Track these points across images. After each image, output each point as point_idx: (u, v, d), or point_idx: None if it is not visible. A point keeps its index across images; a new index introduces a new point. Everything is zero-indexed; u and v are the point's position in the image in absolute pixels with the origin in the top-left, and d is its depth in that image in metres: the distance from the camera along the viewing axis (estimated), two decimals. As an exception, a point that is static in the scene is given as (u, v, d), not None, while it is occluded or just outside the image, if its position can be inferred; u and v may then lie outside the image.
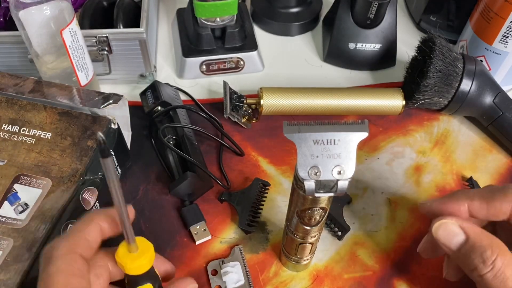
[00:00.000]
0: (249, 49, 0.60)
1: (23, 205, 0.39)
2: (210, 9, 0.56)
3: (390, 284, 0.44)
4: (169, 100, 0.53)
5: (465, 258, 0.34)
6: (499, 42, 0.54)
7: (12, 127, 0.44)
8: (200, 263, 0.45)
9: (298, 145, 0.30)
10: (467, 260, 0.34)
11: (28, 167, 0.41)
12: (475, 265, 0.34)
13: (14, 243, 0.37)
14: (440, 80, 0.51)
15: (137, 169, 0.51)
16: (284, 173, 0.51)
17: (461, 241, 0.35)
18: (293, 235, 0.38)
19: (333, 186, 0.31)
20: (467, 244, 0.35)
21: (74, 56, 0.49)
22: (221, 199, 0.48)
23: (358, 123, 0.31)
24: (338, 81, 0.61)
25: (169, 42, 0.65)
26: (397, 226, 0.48)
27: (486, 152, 0.54)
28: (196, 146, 0.51)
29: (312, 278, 0.44)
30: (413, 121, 0.56)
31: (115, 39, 0.53)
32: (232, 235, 0.47)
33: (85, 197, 0.41)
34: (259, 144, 0.54)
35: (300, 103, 0.54)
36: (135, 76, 0.58)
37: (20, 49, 0.52)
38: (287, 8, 0.66)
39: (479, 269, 0.33)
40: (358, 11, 0.59)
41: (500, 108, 0.52)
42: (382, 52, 0.61)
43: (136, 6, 0.60)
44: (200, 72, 0.60)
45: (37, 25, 0.46)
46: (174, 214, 0.48)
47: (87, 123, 0.44)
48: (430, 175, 0.52)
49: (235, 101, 0.54)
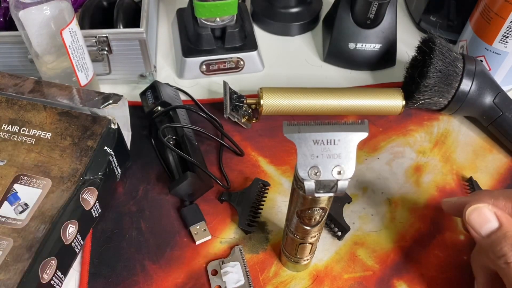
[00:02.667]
0: (249, 49, 0.60)
1: (23, 205, 0.39)
2: (210, 9, 0.56)
3: (390, 284, 0.44)
4: (169, 100, 0.53)
5: (494, 244, 0.35)
6: (499, 42, 0.54)
7: (12, 127, 0.44)
8: (200, 263, 0.45)
9: (298, 145, 0.30)
10: (496, 247, 0.35)
11: (28, 167, 0.41)
12: (504, 252, 0.34)
13: (14, 243, 0.37)
14: (440, 80, 0.51)
15: (137, 169, 0.51)
16: (284, 173, 0.51)
17: (493, 228, 0.36)
18: (293, 235, 0.38)
19: (333, 186, 0.31)
20: (499, 231, 0.35)
21: (74, 56, 0.49)
22: (221, 199, 0.48)
23: (358, 123, 0.31)
24: (338, 81, 0.61)
25: (169, 42, 0.65)
26: (397, 226, 0.48)
27: (486, 152, 0.54)
28: (196, 146, 0.51)
29: (312, 278, 0.44)
30: (413, 121, 0.56)
31: (115, 39, 0.53)
32: (232, 235, 0.47)
33: (85, 197, 0.41)
34: (259, 144, 0.54)
35: (300, 103, 0.54)
36: (135, 76, 0.58)
37: (20, 49, 0.52)
38: (287, 8, 0.66)
39: (508, 256, 0.34)
40: (358, 11, 0.59)
41: (500, 108, 0.52)
42: (382, 52, 0.61)
43: (136, 6, 0.60)
44: (200, 72, 0.60)
45: (37, 25, 0.46)
46: (174, 214, 0.48)
47: (87, 123, 0.44)
48: (430, 175, 0.52)
49: (235, 101, 0.54)
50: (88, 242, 0.45)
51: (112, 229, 0.47)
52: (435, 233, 0.47)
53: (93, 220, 0.44)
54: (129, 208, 0.48)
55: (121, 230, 0.46)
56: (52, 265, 0.38)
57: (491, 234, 0.36)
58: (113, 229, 0.47)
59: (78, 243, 0.42)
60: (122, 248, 0.45)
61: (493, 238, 0.35)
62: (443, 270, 0.45)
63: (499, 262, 0.35)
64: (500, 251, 0.34)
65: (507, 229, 0.35)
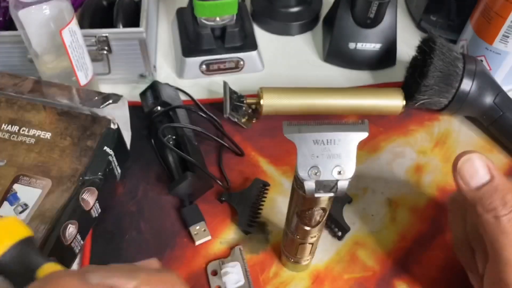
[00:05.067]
0: (249, 48, 0.60)
1: (23, 205, 0.39)
2: (210, 9, 0.56)
3: (390, 284, 0.44)
4: (169, 100, 0.52)
5: (484, 197, 0.34)
6: (499, 41, 0.54)
7: (12, 127, 0.44)
8: (200, 263, 0.45)
9: (298, 145, 0.30)
10: (486, 200, 0.34)
11: (28, 167, 0.41)
12: (494, 206, 0.33)
13: (14, 244, 0.37)
14: (440, 80, 0.51)
15: (136, 169, 0.51)
16: (284, 173, 0.51)
17: (484, 181, 0.35)
18: (293, 235, 0.38)
19: (333, 187, 0.31)
20: (490, 184, 0.34)
21: (73, 55, 0.49)
22: (221, 199, 0.48)
23: (358, 123, 0.31)
24: (338, 81, 0.61)
25: (169, 41, 0.65)
26: (397, 226, 0.48)
27: (487, 152, 0.54)
28: (196, 146, 0.51)
29: (312, 279, 0.44)
30: (413, 121, 0.56)
31: (114, 38, 0.53)
32: (232, 235, 0.47)
33: (85, 197, 0.41)
34: (259, 144, 0.53)
35: (300, 103, 0.54)
36: (134, 76, 0.58)
37: (20, 48, 0.52)
38: (287, 7, 0.66)
39: (498, 210, 0.33)
40: (358, 11, 0.59)
41: (500, 108, 0.52)
42: (382, 51, 0.61)
43: (136, 6, 0.60)
44: (200, 72, 0.60)
45: (37, 24, 0.45)
46: (174, 214, 0.48)
47: (87, 123, 0.44)
48: (430, 175, 0.51)
49: (235, 101, 0.54)
50: (88, 242, 0.45)
51: (112, 229, 0.46)
52: (436, 234, 0.47)
53: (93, 220, 0.44)
54: (129, 208, 0.48)
55: (120, 231, 0.46)
56: (51, 265, 0.38)
57: (482, 187, 0.34)
58: (113, 229, 0.46)
59: (78, 244, 0.42)
60: (122, 248, 0.45)
61: (484, 191, 0.34)
62: (444, 270, 0.45)
63: (487, 216, 0.34)
64: (490, 204, 0.33)
65: (498, 182, 0.34)
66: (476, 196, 0.34)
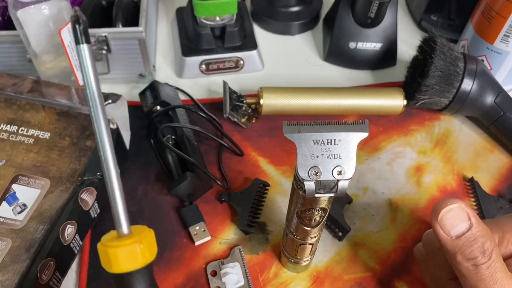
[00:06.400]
0: (248, 48, 0.60)
1: (22, 205, 0.39)
2: (210, 8, 0.56)
3: (390, 285, 0.44)
4: (168, 100, 0.52)
5: (464, 246, 0.34)
6: (500, 41, 0.53)
7: (11, 127, 0.44)
8: (200, 264, 0.44)
9: (298, 145, 0.30)
10: (466, 250, 0.34)
11: (27, 167, 0.41)
12: (474, 255, 0.33)
13: (12, 244, 0.37)
14: (441, 80, 0.51)
15: (136, 169, 0.51)
16: (284, 173, 0.51)
17: (464, 229, 0.34)
18: (293, 235, 0.38)
19: (334, 187, 0.31)
20: (469, 232, 0.34)
21: (72, 55, 0.49)
22: (221, 199, 0.48)
23: (359, 123, 0.31)
24: (339, 80, 0.61)
25: (168, 41, 0.65)
26: (397, 226, 0.47)
27: (488, 152, 0.54)
28: (195, 146, 0.51)
29: (312, 279, 0.44)
30: (414, 121, 0.56)
31: (114, 38, 0.53)
32: (231, 235, 0.46)
33: (84, 197, 0.41)
34: (259, 144, 0.53)
35: (300, 103, 0.54)
36: (134, 75, 0.58)
37: (19, 48, 0.52)
38: (287, 7, 0.66)
39: (478, 259, 0.33)
40: (358, 10, 0.59)
41: (501, 108, 0.52)
42: (383, 51, 0.61)
43: (135, 5, 0.59)
44: (200, 72, 0.60)
45: (36, 24, 0.45)
46: (174, 214, 0.48)
47: (86, 123, 0.44)
48: (431, 175, 0.51)
49: (235, 101, 0.54)
50: (87, 242, 0.45)
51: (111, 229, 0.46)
52: (436, 234, 0.47)
53: (92, 220, 0.44)
54: (128, 208, 0.47)
55: (120, 231, 0.46)
56: (50, 265, 0.38)
57: (461, 235, 0.34)
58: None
59: (77, 244, 0.42)
60: (121, 248, 0.45)
61: (463, 240, 0.34)
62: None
63: (467, 264, 0.34)
64: (470, 253, 0.33)
65: (477, 229, 0.34)
66: (456, 245, 0.34)
